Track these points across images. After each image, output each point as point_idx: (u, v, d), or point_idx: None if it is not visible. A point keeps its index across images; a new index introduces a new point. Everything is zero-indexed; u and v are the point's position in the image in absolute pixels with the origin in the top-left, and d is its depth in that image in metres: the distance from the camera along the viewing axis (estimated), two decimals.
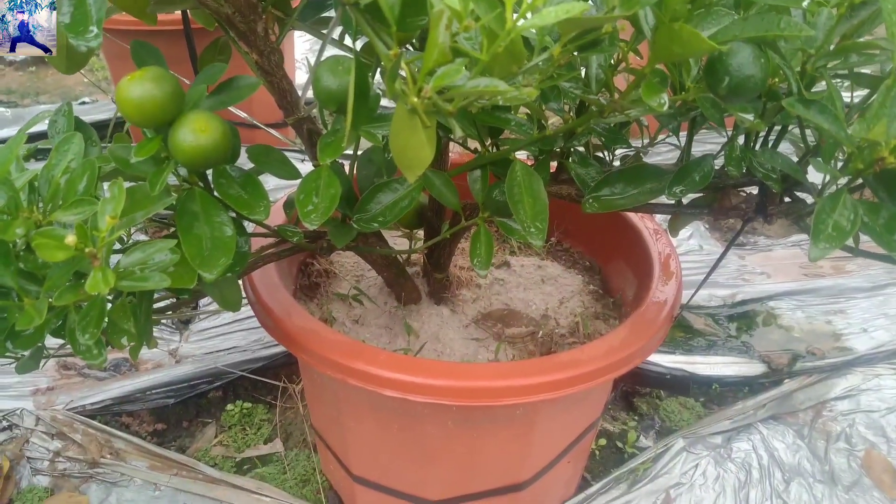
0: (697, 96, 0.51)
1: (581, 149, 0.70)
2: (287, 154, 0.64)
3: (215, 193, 0.57)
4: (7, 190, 0.45)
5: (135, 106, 0.51)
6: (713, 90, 0.47)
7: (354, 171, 0.69)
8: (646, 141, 0.74)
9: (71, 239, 0.42)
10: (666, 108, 0.46)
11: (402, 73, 0.43)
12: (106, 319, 0.54)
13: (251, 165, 0.62)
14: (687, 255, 1.38)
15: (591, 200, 0.61)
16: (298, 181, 0.58)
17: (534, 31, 0.46)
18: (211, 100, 0.60)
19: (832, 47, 0.50)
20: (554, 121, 0.65)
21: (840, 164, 0.52)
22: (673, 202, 0.64)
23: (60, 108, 0.62)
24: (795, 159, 0.59)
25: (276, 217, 0.82)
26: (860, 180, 0.52)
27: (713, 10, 0.49)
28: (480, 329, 0.83)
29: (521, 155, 0.68)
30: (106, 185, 0.52)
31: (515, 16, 0.39)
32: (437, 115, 0.44)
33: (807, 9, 0.49)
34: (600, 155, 0.72)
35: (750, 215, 0.64)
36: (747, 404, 1.06)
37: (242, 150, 0.60)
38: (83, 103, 2.10)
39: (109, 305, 0.56)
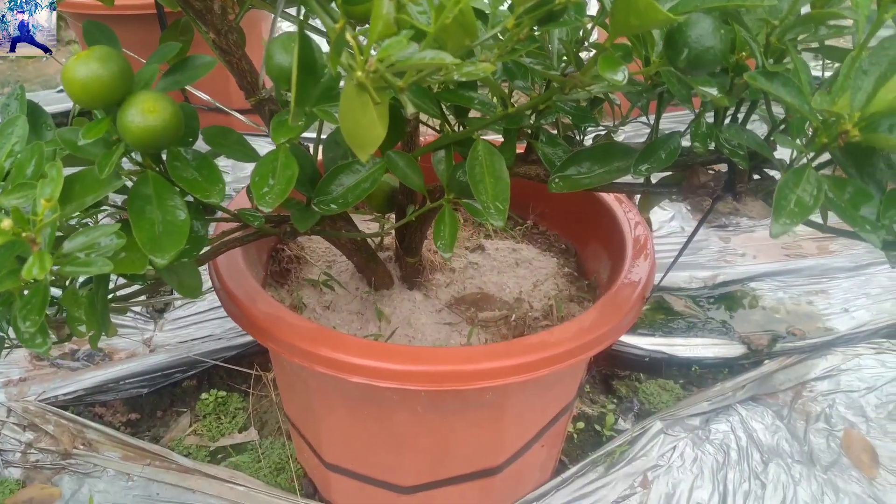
0: (661, 69, 0.50)
1: (553, 129, 0.69)
2: (259, 139, 0.63)
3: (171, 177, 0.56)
4: None
5: (80, 86, 0.49)
6: (673, 63, 0.45)
7: (320, 154, 0.68)
8: (618, 121, 0.72)
9: (7, 223, 0.40)
10: (625, 81, 0.44)
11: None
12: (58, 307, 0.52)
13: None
14: (669, 236, 1.37)
15: (557, 180, 0.60)
16: None
17: (486, 1, 0.45)
18: (166, 80, 0.58)
19: (796, 18, 0.48)
20: (523, 99, 0.64)
21: (807, 140, 0.51)
22: (641, 181, 0.63)
23: (13, 91, 0.60)
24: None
25: (244, 201, 0.80)
26: (828, 155, 0.51)
27: None
28: (453, 313, 0.82)
29: (495, 137, 0.67)
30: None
31: None
32: (390, 91, 0.43)
33: None
34: (571, 135, 0.71)
35: (719, 193, 0.62)
36: (726, 385, 1.05)
37: None
38: (61, 91, 2.07)
39: (61, 292, 0.55)
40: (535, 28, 0.49)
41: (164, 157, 0.57)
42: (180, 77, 0.58)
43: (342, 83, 0.57)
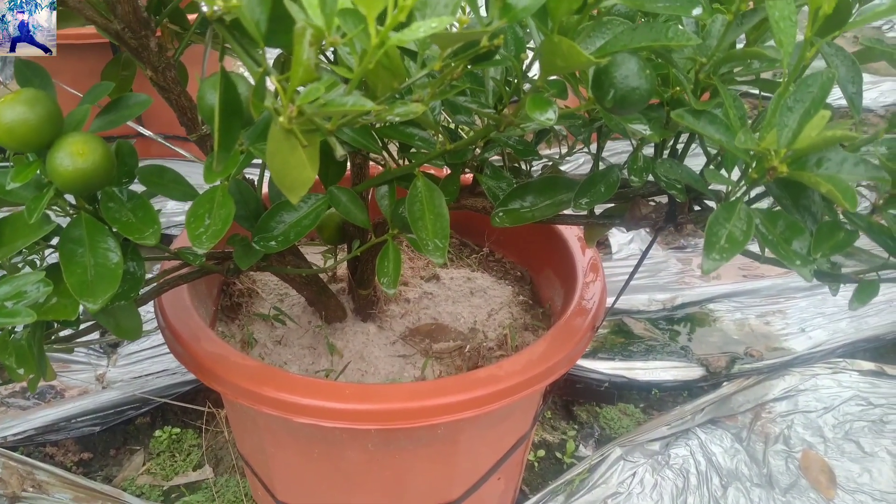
0: (595, 108, 0.50)
1: (498, 160, 0.69)
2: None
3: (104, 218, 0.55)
4: None
5: (6, 131, 0.48)
6: (600, 102, 0.46)
7: (265, 188, 0.67)
8: (564, 150, 0.73)
9: None
10: (554, 121, 0.45)
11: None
12: None
13: None
14: (628, 259, 1.38)
15: (500, 213, 0.60)
16: None
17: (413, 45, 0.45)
18: (100, 119, 0.57)
19: (724, 55, 0.49)
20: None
21: (739, 174, 0.52)
22: (584, 213, 0.64)
23: None
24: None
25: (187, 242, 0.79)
26: (761, 188, 0.51)
27: (605, 20, 0.48)
28: (408, 345, 0.81)
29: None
30: None
31: (381, 30, 0.37)
32: (319, 133, 0.43)
33: (699, 17, 0.48)
34: (517, 166, 0.71)
35: (661, 224, 0.63)
36: (685, 409, 1.06)
37: None
38: None
39: None
40: (468, 65, 0.49)
41: (98, 196, 0.56)
42: (115, 116, 0.57)
43: None
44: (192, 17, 0.66)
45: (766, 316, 1.27)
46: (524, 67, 0.56)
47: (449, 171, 0.64)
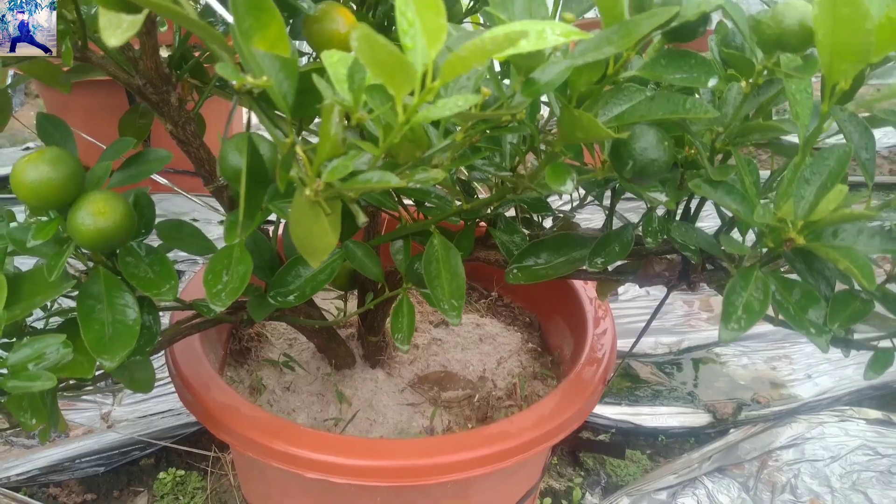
0: (612, 174, 0.51)
1: (511, 212, 0.69)
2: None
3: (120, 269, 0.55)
4: None
5: (30, 190, 0.49)
6: (619, 172, 0.46)
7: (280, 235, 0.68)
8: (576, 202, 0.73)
9: None
10: (573, 190, 0.45)
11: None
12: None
13: None
14: (634, 300, 1.38)
15: (514, 270, 0.60)
16: None
17: None
18: (121, 174, 0.58)
19: (740, 125, 0.50)
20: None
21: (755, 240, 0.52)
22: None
23: None
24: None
25: (198, 287, 0.79)
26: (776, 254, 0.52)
27: (623, 86, 0.49)
28: (416, 393, 0.81)
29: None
30: None
31: (409, 108, 0.38)
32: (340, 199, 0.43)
33: (714, 87, 0.49)
34: (529, 216, 0.71)
35: (674, 282, 0.63)
36: (693, 457, 1.05)
37: None
38: (27, 149, 2.05)
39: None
40: (487, 131, 0.50)
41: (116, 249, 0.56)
42: (135, 171, 0.58)
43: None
44: (208, 64, 0.67)
45: (772, 361, 1.26)
46: (539, 126, 0.57)
47: (462, 225, 0.64)
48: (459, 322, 0.53)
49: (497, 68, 0.56)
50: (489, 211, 0.64)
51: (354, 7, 0.72)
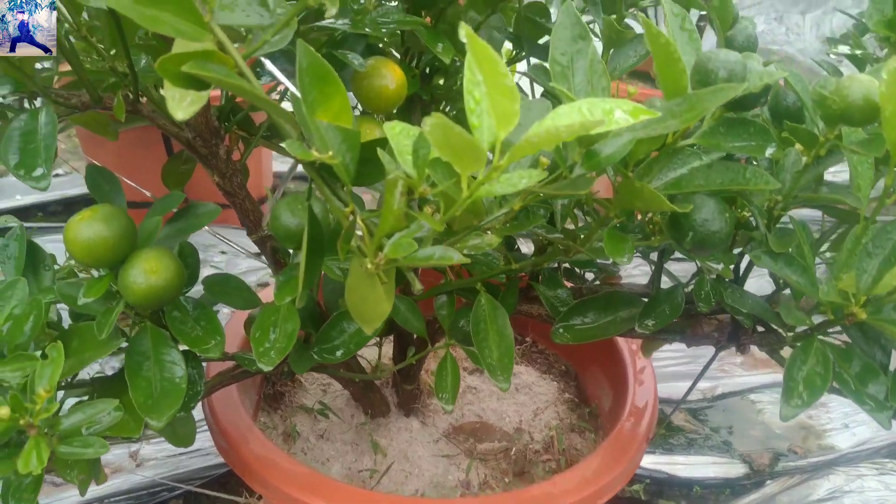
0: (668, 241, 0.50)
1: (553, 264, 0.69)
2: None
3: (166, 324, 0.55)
4: None
5: (84, 248, 0.49)
6: (677, 242, 0.45)
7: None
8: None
9: (5, 411, 0.39)
10: (630, 260, 0.44)
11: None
12: None
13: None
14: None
15: (561, 330, 0.59)
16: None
17: None
18: (169, 228, 0.58)
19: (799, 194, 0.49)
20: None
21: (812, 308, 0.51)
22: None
23: (12, 231, 0.60)
24: None
25: (236, 335, 0.79)
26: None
27: (679, 150, 0.48)
28: (451, 444, 0.80)
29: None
30: None
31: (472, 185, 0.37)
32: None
33: (771, 155, 0.48)
34: (570, 267, 0.70)
35: (723, 343, 0.62)
36: None
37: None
38: (56, 175, 2.07)
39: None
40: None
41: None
42: (183, 225, 0.58)
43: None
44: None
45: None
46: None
47: (507, 281, 0.64)
48: (509, 387, 0.53)
49: None
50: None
51: (397, 55, 0.73)
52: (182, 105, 0.38)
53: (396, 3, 0.62)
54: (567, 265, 0.70)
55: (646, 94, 1.37)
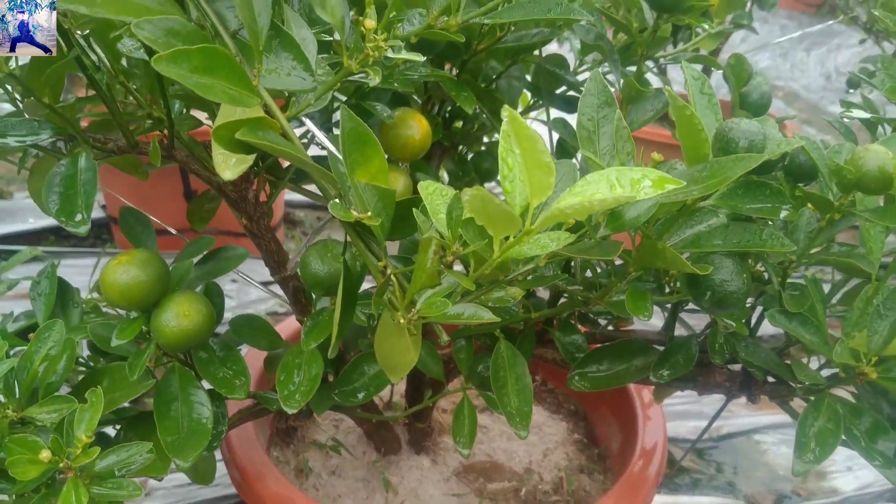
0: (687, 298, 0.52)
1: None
2: None
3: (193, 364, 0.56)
4: None
5: (120, 293, 0.50)
6: (696, 301, 0.47)
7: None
8: None
9: (45, 454, 0.40)
10: (650, 316, 0.46)
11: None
12: None
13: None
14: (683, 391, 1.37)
15: (577, 378, 0.60)
16: None
17: None
18: (197, 270, 0.60)
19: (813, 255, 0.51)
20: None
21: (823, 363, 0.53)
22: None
23: (44, 269, 0.61)
24: None
25: (253, 370, 0.80)
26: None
27: (697, 208, 0.50)
28: (462, 483, 0.81)
29: None
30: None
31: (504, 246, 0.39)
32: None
33: (786, 218, 0.50)
34: (587, 315, 0.72)
35: (734, 393, 0.63)
36: None
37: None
38: None
39: None
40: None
41: None
42: (213, 268, 0.60)
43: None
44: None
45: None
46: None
47: (524, 327, 0.65)
48: (527, 435, 0.54)
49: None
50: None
51: (418, 100, 0.75)
52: (230, 165, 0.39)
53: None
54: (582, 312, 0.72)
55: (659, 135, 1.39)
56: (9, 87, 0.54)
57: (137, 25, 0.35)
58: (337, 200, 0.42)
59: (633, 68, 0.73)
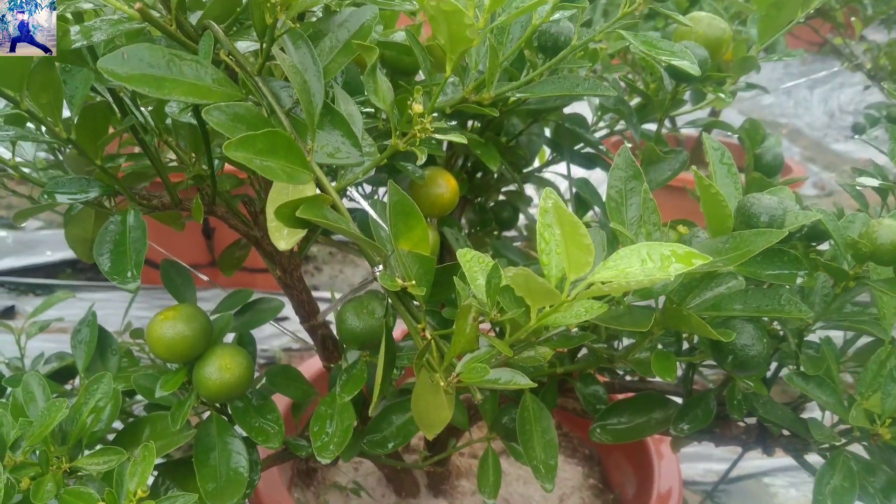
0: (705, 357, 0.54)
1: None
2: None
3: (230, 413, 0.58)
4: (41, 444, 0.46)
5: (166, 346, 0.53)
6: (719, 363, 0.49)
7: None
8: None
9: None
10: (676, 379, 0.48)
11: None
12: None
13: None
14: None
15: (598, 430, 0.62)
16: None
17: None
18: (236, 321, 0.62)
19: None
20: None
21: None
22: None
23: (85, 317, 0.64)
24: None
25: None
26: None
27: (716, 274, 0.52)
28: None
29: None
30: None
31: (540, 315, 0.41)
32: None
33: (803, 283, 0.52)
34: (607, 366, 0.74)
35: (750, 445, 0.65)
36: None
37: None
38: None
39: None
40: None
41: None
42: (249, 319, 0.62)
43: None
44: None
45: None
46: None
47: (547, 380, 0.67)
48: (553, 487, 0.56)
49: None
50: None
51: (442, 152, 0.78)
52: (284, 237, 0.42)
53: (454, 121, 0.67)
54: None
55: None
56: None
57: (208, 112, 0.38)
58: (381, 268, 0.45)
59: (650, 126, 0.76)
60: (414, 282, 0.43)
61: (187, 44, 0.43)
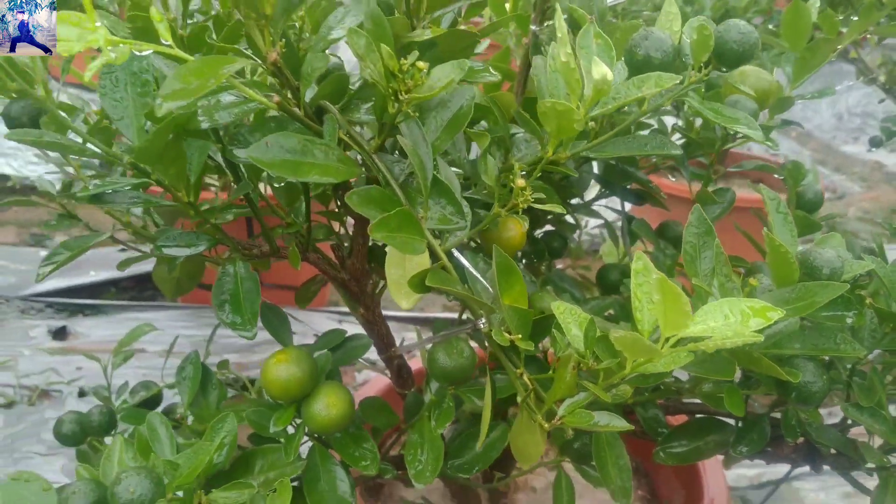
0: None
1: None
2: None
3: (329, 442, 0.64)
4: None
5: (281, 387, 0.59)
6: (783, 398, 0.55)
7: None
8: None
9: None
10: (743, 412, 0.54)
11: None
12: None
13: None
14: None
15: (662, 454, 0.68)
16: None
17: None
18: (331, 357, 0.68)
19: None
20: None
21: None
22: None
23: (189, 356, 0.70)
24: None
25: None
26: None
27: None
28: None
29: None
30: None
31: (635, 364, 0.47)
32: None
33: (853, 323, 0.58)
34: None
35: (799, 463, 0.71)
36: None
37: None
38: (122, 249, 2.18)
39: None
40: None
41: None
42: (341, 356, 0.68)
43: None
44: None
45: (849, 497, 1.31)
46: None
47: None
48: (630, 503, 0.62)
49: None
50: None
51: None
52: (406, 297, 0.48)
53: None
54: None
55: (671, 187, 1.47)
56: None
57: (349, 197, 0.44)
58: (485, 321, 0.50)
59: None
60: (520, 335, 0.48)
61: (314, 128, 0.49)
